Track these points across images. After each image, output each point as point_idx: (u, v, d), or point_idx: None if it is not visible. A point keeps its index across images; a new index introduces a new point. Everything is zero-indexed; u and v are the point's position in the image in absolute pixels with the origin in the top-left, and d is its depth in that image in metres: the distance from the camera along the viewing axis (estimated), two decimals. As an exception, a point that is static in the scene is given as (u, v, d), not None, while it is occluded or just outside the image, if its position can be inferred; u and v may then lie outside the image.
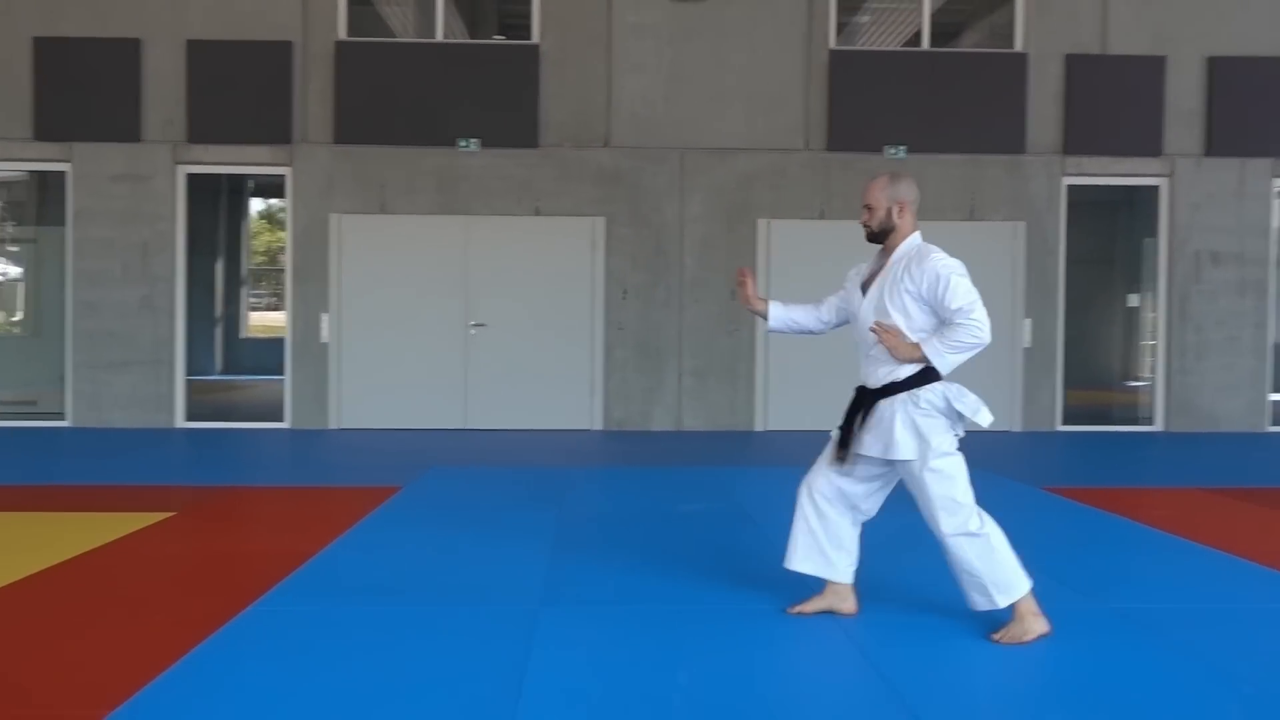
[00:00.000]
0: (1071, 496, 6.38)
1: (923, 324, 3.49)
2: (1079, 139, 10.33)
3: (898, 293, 3.51)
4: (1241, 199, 10.42)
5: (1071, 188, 10.47)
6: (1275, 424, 10.51)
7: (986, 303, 3.42)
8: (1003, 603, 3.44)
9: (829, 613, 3.73)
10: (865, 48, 10.78)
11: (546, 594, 4.07)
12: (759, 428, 10.24)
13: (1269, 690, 3.05)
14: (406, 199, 10.15)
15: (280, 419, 10.25)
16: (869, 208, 3.63)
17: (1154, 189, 10.57)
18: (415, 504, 6.08)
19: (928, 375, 3.47)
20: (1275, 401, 10.54)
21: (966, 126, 10.24)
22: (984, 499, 3.50)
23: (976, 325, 3.39)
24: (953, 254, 3.52)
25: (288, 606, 3.86)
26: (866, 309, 3.61)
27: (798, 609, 3.76)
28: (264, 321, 15.29)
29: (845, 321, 3.81)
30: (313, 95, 10.12)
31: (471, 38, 11.24)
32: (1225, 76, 10.34)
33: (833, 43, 10.34)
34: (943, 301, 3.42)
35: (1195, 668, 3.25)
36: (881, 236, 3.64)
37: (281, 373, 10.30)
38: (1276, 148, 10.41)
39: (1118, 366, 13.01)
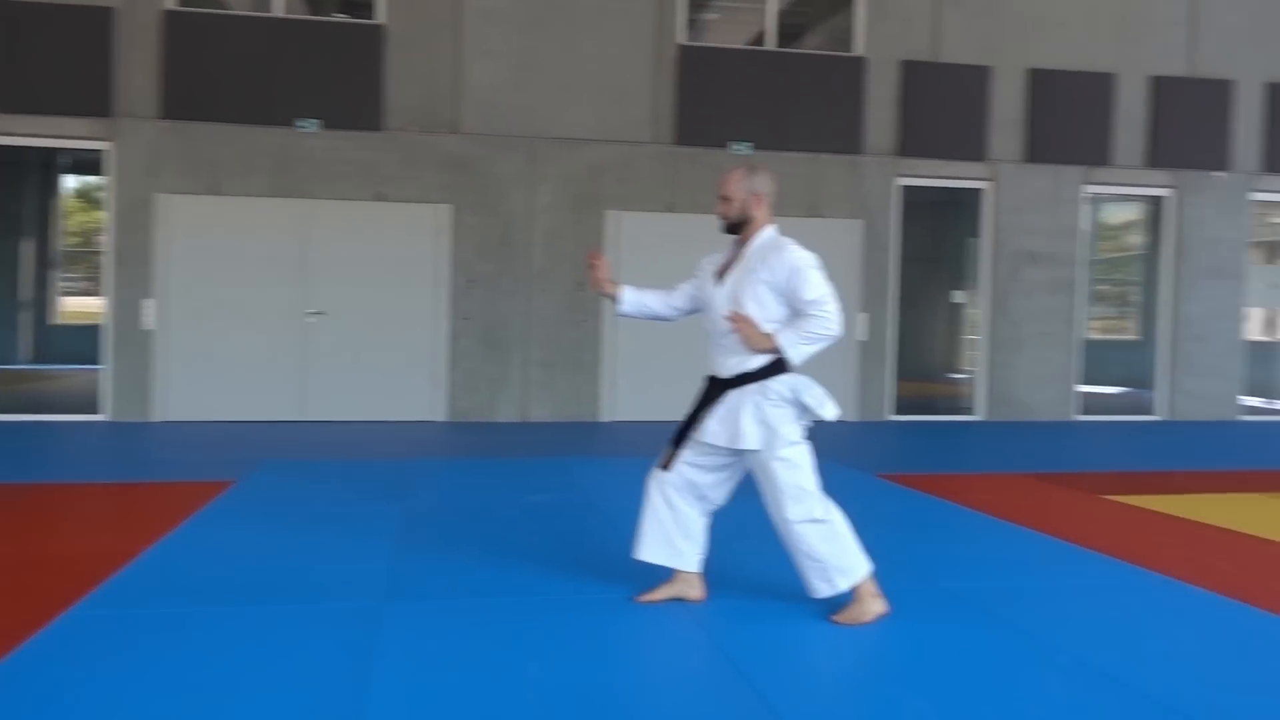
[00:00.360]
0: (903, 483, 6.70)
1: (776, 314, 3.57)
2: (912, 142, 10.82)
3: (753, 283, 3.58)
4: (1056, 203, 11.17)
5: (905, 188, 10.96)
6: (1082, 413, 11.34)
7: (828, 297, 3.53)
8: (844, 586, 3.57)
9: (677, 600, 3.78)
10: (713, 44, 10.95)
11: (391, 590, 3.96)
12: (605, 418, 10.29)
13: (1083, 659, 3.28)
14: (240, 180, 9.67)
15: (97, 410, 9.60)
16: (726, 198, 3.68)
17: (978, 192, 11.19)
18: (249, 499, 5.81)
19: (778, 366, 3.56)
20: (1081, 393, 11.37)
21: (809, 126, 10.57)
22: (822, 486, 3.62)
23: (829, 317, 3.50)
24: (797, 249, 3.61)
25: (109, 611, 3.62)
26: (721, 298, 3.66)
27: (646, 597, 3.80)
28: (77, 307, 14.29)
29: (697, 309, 3.85)
30: (137, 66, 9.50)
31: (313, 14, 10.80)
32: (1043, 88, 11.04)
33: (682, 37, 10.47)
34: (797, 293, 3.51)
35: (1018, 641, 3.47)
36: (738, 227, 3.70)
37: (97, 361, 9.65)
38: (1086, 156, 11.21)
39: (943, 359, 13.73)
